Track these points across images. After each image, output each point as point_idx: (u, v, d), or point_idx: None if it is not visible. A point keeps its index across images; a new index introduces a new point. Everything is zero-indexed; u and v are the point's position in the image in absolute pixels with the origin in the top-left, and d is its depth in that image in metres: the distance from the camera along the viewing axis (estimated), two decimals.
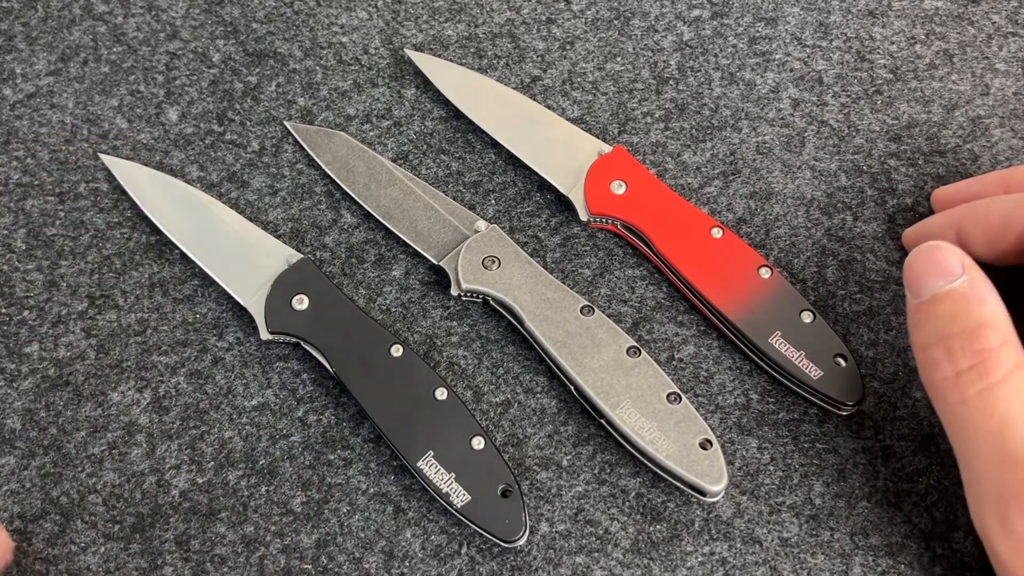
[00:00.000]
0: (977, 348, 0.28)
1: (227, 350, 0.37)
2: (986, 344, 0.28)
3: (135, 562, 0.33)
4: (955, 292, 0.29)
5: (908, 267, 0.30)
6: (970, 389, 0.28)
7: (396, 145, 0.41)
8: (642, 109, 0.41)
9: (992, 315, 0.28)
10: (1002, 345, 0.28)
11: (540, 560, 0.33)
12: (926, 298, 0.29)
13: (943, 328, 0.29)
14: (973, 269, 0.29)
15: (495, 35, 0.43)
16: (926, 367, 0.29)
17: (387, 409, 0.33)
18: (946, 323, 0.29)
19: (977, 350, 0.28)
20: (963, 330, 0.28)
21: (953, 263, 0.29)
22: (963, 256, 0.30)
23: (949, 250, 0.30)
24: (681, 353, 0.36)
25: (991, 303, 0.29)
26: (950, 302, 0.29)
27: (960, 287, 0.29)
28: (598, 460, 0.34)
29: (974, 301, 0.29)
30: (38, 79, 0.43)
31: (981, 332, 0.28)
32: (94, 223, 0.39)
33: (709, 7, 0.43)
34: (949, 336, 0.29)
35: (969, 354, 0.28)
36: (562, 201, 0.39)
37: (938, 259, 0.30)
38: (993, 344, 0.28)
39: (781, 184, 0.39)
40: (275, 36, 0.43)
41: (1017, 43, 0.42)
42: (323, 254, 0.38)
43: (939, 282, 0.29)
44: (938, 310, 0.29)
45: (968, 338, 0.28)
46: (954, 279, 0.29)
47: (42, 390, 0.36)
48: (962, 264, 0.29)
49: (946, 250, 0.30)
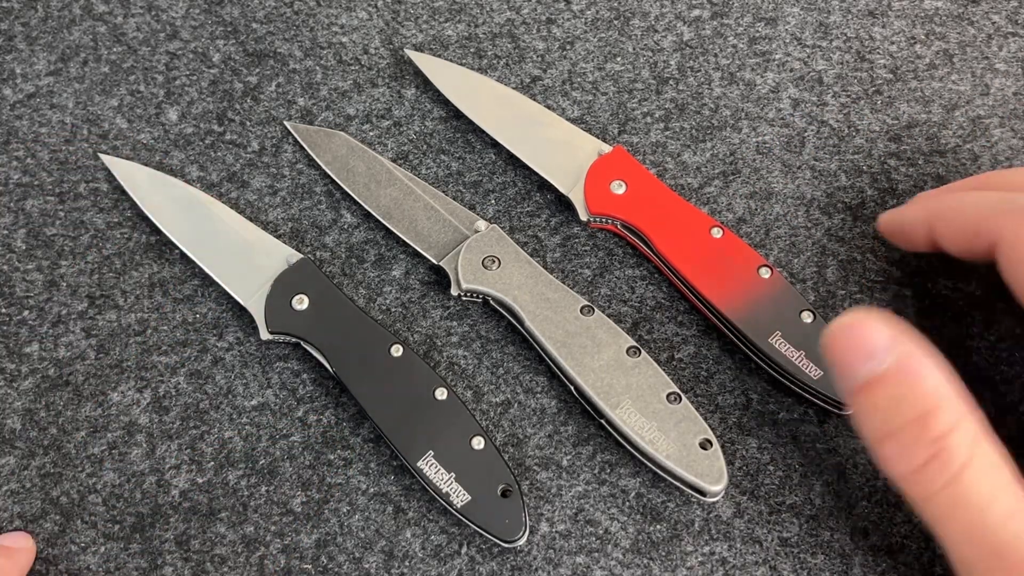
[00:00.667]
0: (931, 437, 0.25)
1: (227, 350, 0.37)
2: (939, 430, 0.25)
3: (135, 562, 0.33)
4: (890, 374, 0.26)
5: (830, 348, 0.27)
6: (934, 484, 0.25)
7: (396, 145, 0.41)
8: (642, 109, 0.41)
9: (936, 390, 0.26)
10: (956, 424, 0.25)
11: (540, 560, 0.33)
12: (860, 383, 0.26)
13: (889, 420, 0.26)
14: (902, 337, 0.26)
15: (495, 35, 0.43)
16: (881, 461, 0.27)
17: (387, 409, 0.33)
18: (890, 414, 0.26)
19: (932, 439, 0.25)
20: (910, 420, 0.26)
21: (878, 339, 0.26)
22: (888, 325, 0.26)
23: (871, 325, 0.26)
24: (681, 353, 0.36)
25: (931, 375, 0.26)
26: (887, 387, 0.26)
27: (892, 368, 0.26)
28: (598, 460, 0.34)
29: (913, 380, 0.26)
30: (38, 79, 0.43)
31: (931, 418, 0.25)
32: (94, 223, 0.39)
33: (709, 7, 0.43)
34: (898, 429, 0.26)
35: (925, 446, 0.25)
36: (562, 201, 0.39)
37: (860, 340, 0.26)
38: (946, 427, 0.25)
39: (781, 184, 0.39)
40: (275, 36, 0.43)
41: (1017, 43, 0.42)
42: (323, 254, 0.38)
43: (868, 365, 0.26)
44: (877, 399, 0.26)
45: (919, 428, 0.25)
46: (884, 358, 0.26)
47: (42, 390, 0.36)
48: (888, 337, 0.26)
49: (868, 326, 0.26)
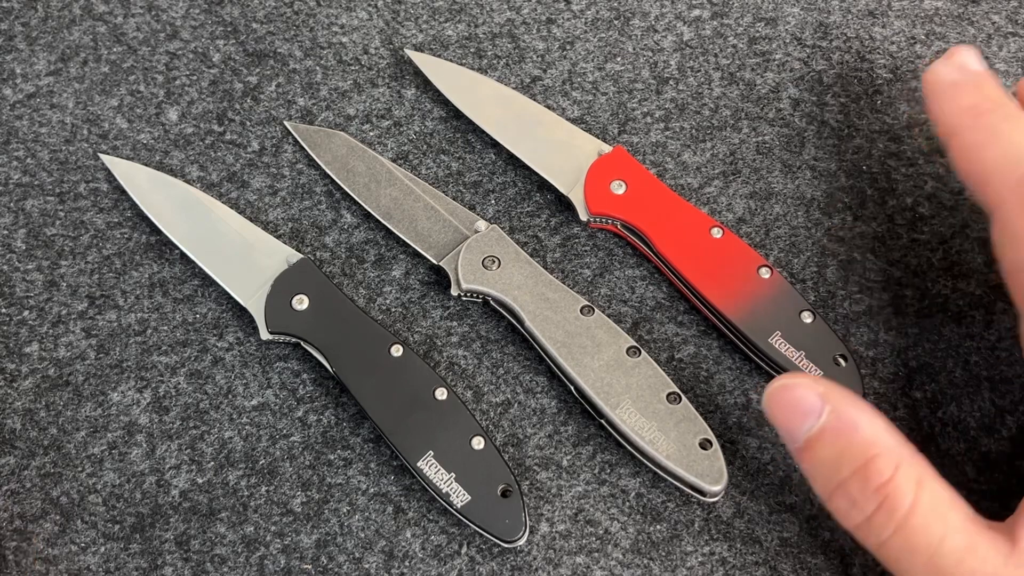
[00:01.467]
0: (875, 487, 0.26)
1: (227, 350, 0.37)
2: (881, 478, 0.26)
3: (135, 562, 0.33)
4: (826, 431, 0.27)
5: (769, 414, 0.28)
6: (885, 532, 0.26)
7: (396, 145, 0.41)
8: (642, 109, 0.41)
9: (873, 439, 0.27)
10: (897, 470, 0.26)
11: (540, 560, 0.33)
12: (801, 444, 0.28)
13: (834, 475, 0.27)
14: (832, 393, 0.27)
15: (495, 35, 0.43)
16: (835, 514, 0.28)
17: (387, 409, 0.33)
18: (834, 469, 0.27)
19: (875, 489, 0.26)
20: (853, 472, 0.26)
21: (810, 399, 0.27)
22: (818, 384, 0.28)
23: (801, 385, 0.28)
24: (681, 353, 0.36)
25: (865, 424, 0.27)
26: (826, 444, 0.27)
27: (827, 422, 0.27)
28: (598, 460, 0.34)
29: (849, 431, 0.27)
30: (38, 79, 0.43)
31: (872, 467, 0.26)
32: (94, 223, 0.39)
33: (709, 7, 0.43)
34: (844, 483, 0.27)
35: (870, 496, 0.26)
36: (562, 201, 0.39)
37: (794, 401, 0.28)
38: (887, 474, 0.26)
39: (781, 184, 0.39)
40: (275, 36, 0.43)
41: (1017, 43, 0.42)
42: (323, 254, 0.38)
43: (806, 424, 0.27)
44: (819, 456, 0.27)
45: (862, 479, 0.26)
46: (819, 415, 0.27)
47: (42, 390, 0.36)
48: (819, 394, 0.27)
49: (798, 387, 0.28)
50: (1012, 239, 0.29)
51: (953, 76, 0.33)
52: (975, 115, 0.32)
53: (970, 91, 0.33)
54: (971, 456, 0.33)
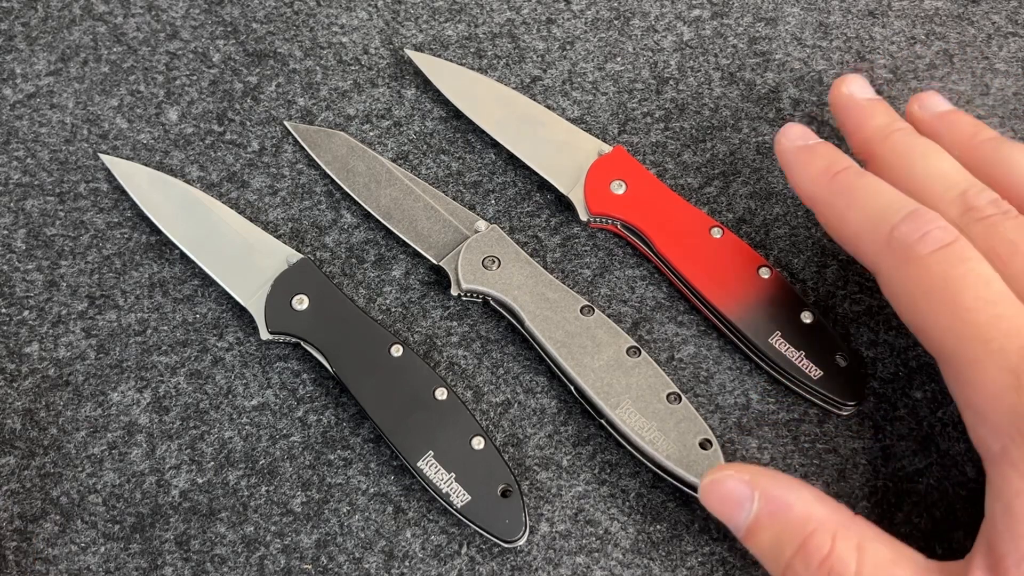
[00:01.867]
0: (817, 562, 0.27)
1: (227, 350, 0.37)
2: (821, 552, 0.27)
3: (135, 562, 0.33)
4: (761, 516, 0.28)
5: (708, 508, 0.29)
6: None
7: (396, 145, 0.41)
8: (642, 109, 0.41)
9: (806, 515, 0.27)
10: (834, 542, 0.27)
11: (540, 560, 0.33)
12: (744, 533, 0.28)
13: (779, 558, 0.27)
14: (759, 479, 0.28)
15: (495, 35, 0.43)
16: None
17: (387, 409, 0.33)
18: (777, 552, 0.27)
19: (819, 564, 0.26)
20: (795, 552, 0.27)
21: (739, 489, 0.28)
22: (743, 472, 0.28)
23: (730, 477, 0.28)
24: (681, 353, 0.36)
25: (797, 501, 0.28)
26: (763, 528, 0.28)
27: (760, 508, 0.28)
28: (598, 460, 0.34)
29: (782, 513, 0.27)
30: (38, 79, 0.43)
31: (810, 544, 0.27)
32: (94, 223, 0.39)
33: (709, 7, 0.43)
34: (790, 563, 0.27)
35: (816, 572, 0.27)
36: (562, 201, 0.39)
37: (725, 493, 0.28)
38: (827, 547, 0.27)
39: (781, 184, 0.39)
40: (275, 36, 0.43)
41: (1017, 43, 0.42)
42: (323, 254, 0.38)
43: (742, 513, 0.28)
44: (761, 541, 0.28)
45: (804, 558, 0.27)
46: (751, 502, 0.28)
47: (42, 390, 0.36)
48: (746, 483, 0.28)
49: (726, 479, 0.28)
50: (899, 296, 0.29)
51: (798, 142, 0.34)
52: (829, 178, 0.32)
53: (819, 153, 0.33)
54: (971, 456, 0.33)
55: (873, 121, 0.34)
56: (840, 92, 0.36)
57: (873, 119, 0.34)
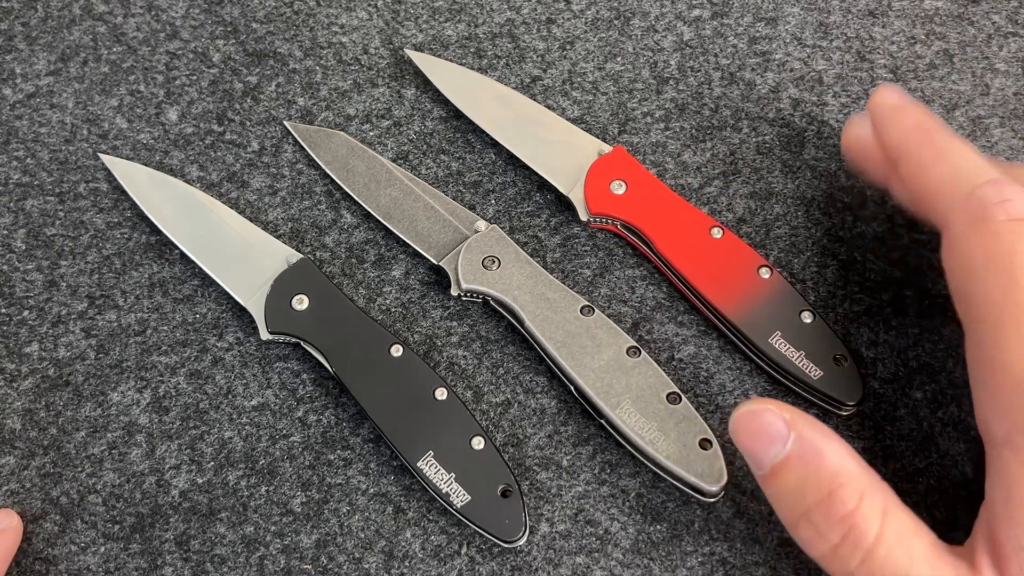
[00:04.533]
0: (839, 516, 0.26)
1: (227, 350, 0.37)
2: (846, 508, 0.26)
3: (135, 562, 0.33)
4: (792, 458, 0.27)
5: (736, 439, 0.28)
6: (852, 562, 0.26)
7: (396, 145, 0.41)
8: (642, 109, 0.41)
9: (837, 468, 0.27)
10: (861, 500, 0.26)
11: (540, 560, 0.33)
12: (767, 471, 0.28)
13: (799, 504, 0.27)
14: (798, 420, 0.27)
15: (495, 35, 0.43)
16: (801, 544, 0.28)
17: (387, 409, 0.33)
18: (798, 497, 0.27)
19: (840, 518, 0.26)
20: (818, 501, 0.27)
21: (776, 425, 0.27)
22: (783, 410, 0.28)
23: (766, 411, 0.28)
24: (681, 353, 0.36)
25: (831, 452, 0.27)
26: (791, 470, 0.27)
27: (793, 450, 0.27)
28: (598, 460, 0.34)
29: (814, 459, 0.27)
30: (38, 79, 0.43)
31: (836, 496, 0.26)
32: (94, 223, 0.39)
33: (709, 7, 0.43)
34: (808, 511, 0.27)
35: (835, 526, 0.26)
36: (562, 201, 0.39)
37: (760, 426, 0.28)
38: (852, 504, 0.26)
39: (781, 184, 0.39)
40: (275, 36, 0.43)
41: (1017, 43, 0.42)
42: (323, 254, 0.38)
43: (772, 450, 0.27)
44: (784, 483, 0.27)
45: (827, 509, 0.26)
46: (785, 442, 0.27)
47: (42, 390, 0.36)
48: (784, 420, 0.27)
49: (765, 412, 0.28)
50: (959, 256, 0.29)
51: (895, 100, 0.34)
52: (922, 133, 0.32)
53: (915, 111, 0.33)
54: (971, 456, 0.33)
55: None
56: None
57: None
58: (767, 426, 0.27)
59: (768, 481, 0.28)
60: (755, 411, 0.28)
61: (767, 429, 0.27)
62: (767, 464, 0.28)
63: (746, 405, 0.28)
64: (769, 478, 0.28)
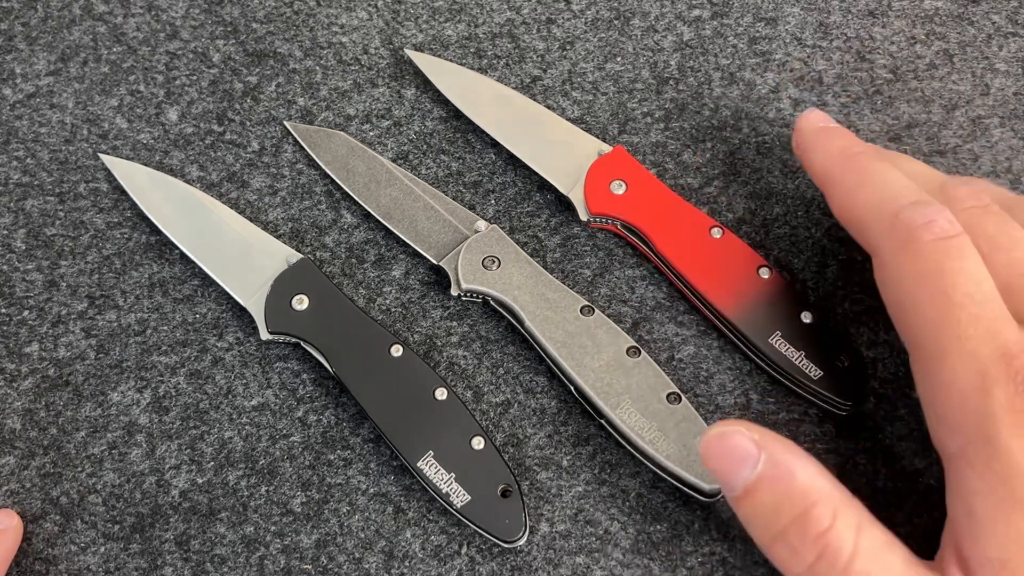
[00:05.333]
0: (814, 535, 0.26)
1: (227, 350, 0.37)
2: (820, 526, 0.26)
3: (135, 562, 0.33)
4: (763, 479, 0.27)
5: (707, 464, 0.28)
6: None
7: (396, 145, 0.41)
8: (642, 109, 0.41)
9: (810, 486, 0.26)
10: (835, 518, 0.26)
11: (540, 560, 0.33)
12: (739, 492, 0.27)
13: (773, 524, 0.27)
14: (768, 440, 0.27)
15: (495, 35, 0.43)
16: (777, 564, 0.27)
17: (387, 409, 0.33)
18: (772, 517, 0.27)
19: (815, 537, 0.26)
20: (792, 520, 0.26)
21: (745, 446, 0.27)
22: (752, 431, 0.27)
23: (735, 433, 0.27)
24: (681, 353, 0.36)
25: (801, 471, 0.27)
26: (763, 492, 0.27)
27: (764, 471, 0.27)
28: (598, 460, 0.34)
29: (785, 479, 0.26)
30: (38, 79, 0.43)
31: (810, 515, 0.26)
32: (94, 223, 0.39)
33: (709, 7, 0.43)
34: (783, 531, 0.26)
35: (810, 545, 0.26)
36: (562, 201, 0.39)
37: (730, 448, 0.27)
38: (827, 522, 0.26)
39: (781, 184, 0.39)
40: (275, 36, 0.43)
41: (1017, 43, 0.42)
42: (323, 254, 0.38)
43: (743, 472, 0.27)
44: (756, 504, 0.27)
45: (801, 528, 0.26)
46: (756, 463, 0.27)
47: (42, 390, 0.36)
48: (754, 441, 0.27)
49: (734, 435, 0.27)
50: (892, 280, 0.29)
51: (817, 124, 0.35)
52: (846, 157, 0.32)
53: (837, 136, 0.34)
54: None
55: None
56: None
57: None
58: (736, 448, 0.27)
59: (741, 503, 0.27)
60: (724, 433, 0.27)
61: (736, 451, 0.27)
62: (739, 486, 0.27)
63: (715, 428, 0.28)
64: (742, 500, 0.27)
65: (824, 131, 0.35)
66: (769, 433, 0.27)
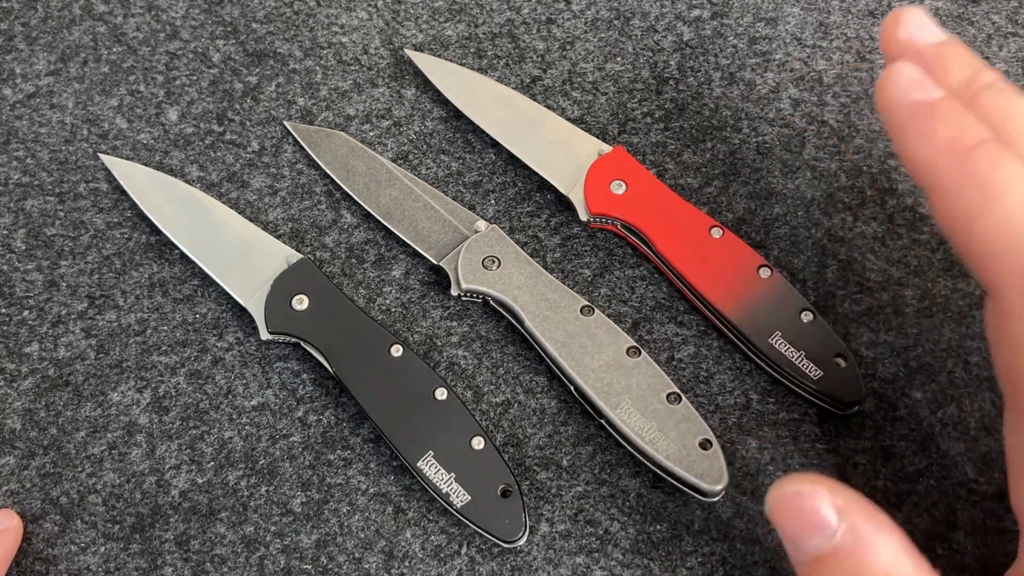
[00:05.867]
0: None
1: (227, 350, 0.37)
2: None
3: (135, 562, 0.33)
4: (841, 550, 0.23)
5: (774, 518, 0.24)
6: None
7: (396, 145, 0.41)
8: (642, 109, 0.41)
9: (890, 568, 0.23)
10: None
11: (540, 560, 0.33)
12: (807, 559, 0.24)
13: None
14: (851, 508, 0.24)
15: (495, 35, 0.43)
16: None
17: (387, 409, 0.33)
18: None
19: None
20: None
21: (826, 512, 0.24)
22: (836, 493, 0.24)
23: (817, 495, 0.24)
24: (681, 353, 0.36)
25: (885, 549, 0.23)
26: (836, 564, 0.23)
27: (843, 542, 0.23)
28: (598, 460, 0.34)
29: (866, 556, 0.23)
30: (38, 79, 0.43)
31: None
32: (94, 223, 0.39)
33: (709, 7, 0.43)
34: None
35: None
36: (562, 201, 0.39)
37: (808, 510, 0.24)
38: None
39: (781, 184, 0.39)
40: (275, 36, 0.43)
41: (1017, 43, 0.42)
42: (323, 254, 0.38)
43: (815, 539, 0.24)
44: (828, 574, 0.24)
45: None
46: (833, 531, 0.23)
47: (42, 390, 0.36)
48: (836, 508, 0.24)
49: (813, 496, 0.24)
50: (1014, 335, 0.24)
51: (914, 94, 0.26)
52: (959, 156, 0.24)
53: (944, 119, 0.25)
54: (971, 456, 0.33)
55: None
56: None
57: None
58: (814, 511, 0.24)
59: (807, 569, 0.24)
60: (803, 494, 0.24)
61: (814, 515, 0.24)
62: (808, 552, 0.24)
63: (792, 484, 0.24)
64: (808, 566, 0.24)
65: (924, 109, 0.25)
66: (854, 498, 0.24)
